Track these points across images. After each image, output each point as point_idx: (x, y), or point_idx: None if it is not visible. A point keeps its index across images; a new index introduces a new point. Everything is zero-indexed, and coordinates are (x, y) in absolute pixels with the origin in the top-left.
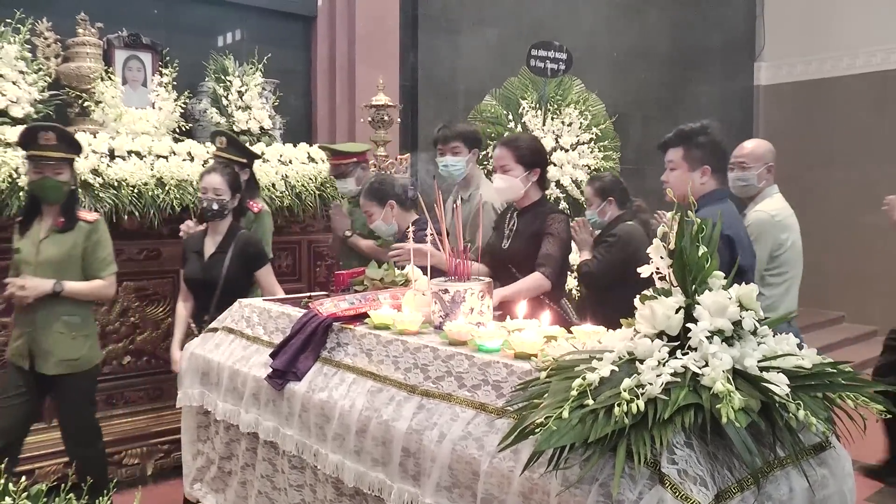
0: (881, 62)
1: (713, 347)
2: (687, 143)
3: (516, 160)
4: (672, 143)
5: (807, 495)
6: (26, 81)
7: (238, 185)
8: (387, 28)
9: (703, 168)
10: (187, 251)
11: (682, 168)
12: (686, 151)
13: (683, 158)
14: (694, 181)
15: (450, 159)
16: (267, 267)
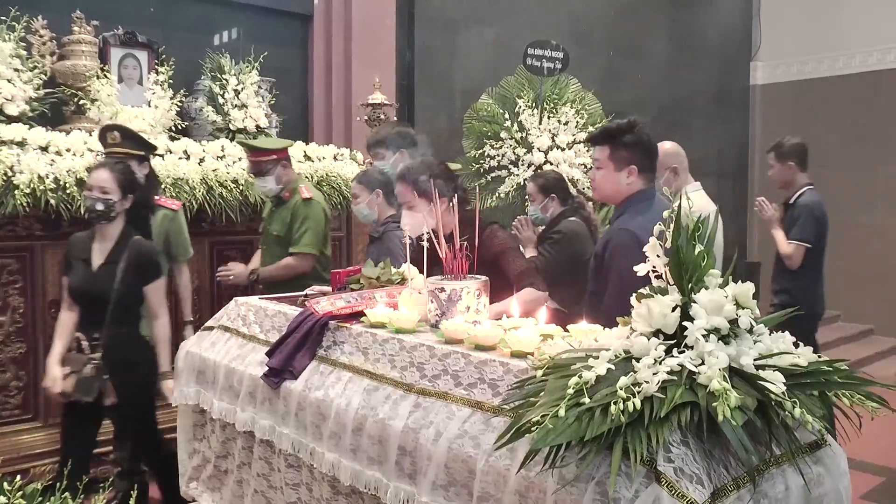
0: (877, 62)
1: (709, 346)
2: (613, 142)
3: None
4: (598, 141)
5: (803, 493)
6: (21, 79)
7: (131, 185)
8: (383, 26)
9: (629, 168)
10: (71, 257)
11: (607, 167)
12: (612, 150)
13: (609, 158)
14: (620, 181)
15: (377, 165)
16: (159, 282)
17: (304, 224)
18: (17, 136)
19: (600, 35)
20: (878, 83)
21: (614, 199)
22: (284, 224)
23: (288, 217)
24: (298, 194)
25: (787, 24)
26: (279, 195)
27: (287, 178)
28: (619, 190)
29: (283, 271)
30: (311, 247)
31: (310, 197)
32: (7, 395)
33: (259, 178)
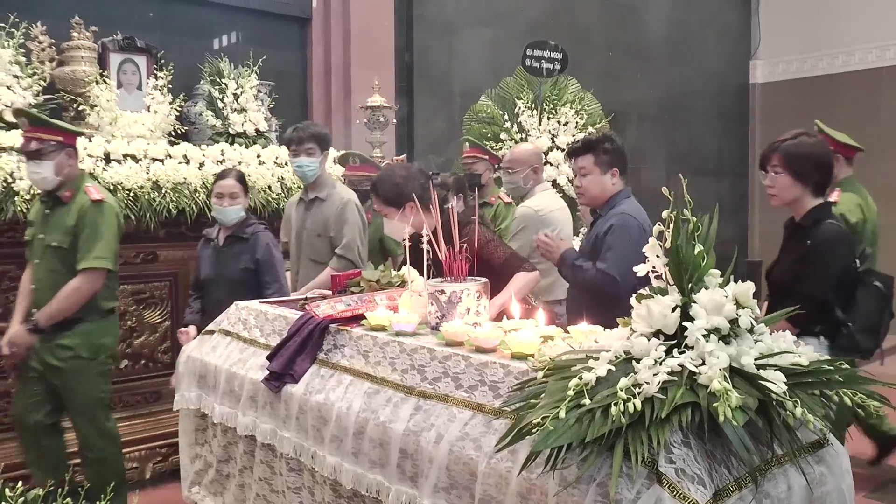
0: (876, 59)
1: (710, 346)
2: (595, 150)
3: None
4: (581, 152)
5: (805, 493)
6: (21, 86)
7: None
8: (382, 29)
9: (612, 170)
10: None
11: (594, 172)
12: (596, 157)
13: (595, 164)
14: (606, 183)
15: (304, 160)
16: None
17: (95, 231)
18: (16, 143)
19: (599, 35)
20: (878, 80)
21: (600, 201)
22: (66, 232)
23: (72, 222)
24: (85, 195)
25: (786, 22)
26: (56, 194)
27: (70, 171)
28: (606, 191)
29: (71, 300)
30: (106, 260)
31: (100, 198)
32: (9, 402)
33: (32, 162)
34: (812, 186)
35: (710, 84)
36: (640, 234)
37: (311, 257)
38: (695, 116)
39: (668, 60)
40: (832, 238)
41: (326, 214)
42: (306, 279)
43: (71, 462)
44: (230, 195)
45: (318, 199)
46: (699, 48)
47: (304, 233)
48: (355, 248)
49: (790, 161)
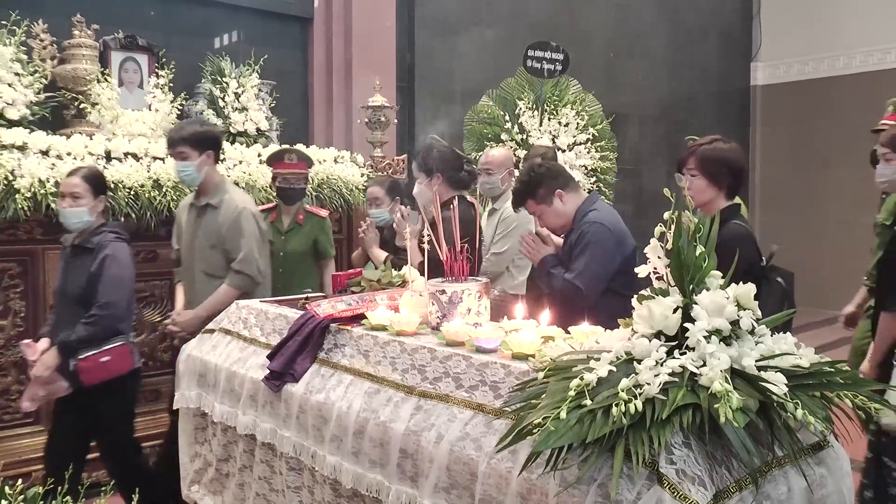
0: (877, 62)
1: (711, 347)
2: (530, 193)
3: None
4: (521, 203)
5: (805, 494)
6: (22, 83)
7: None
8: (383, 29)
9: (556, 195)
10: None
11: (543, 211)
12: (534, 199)
13: (538, 204)
14: (559, 209)
15: (179, 165)
16: None
17: None
18: (17, 141)
19: (600, 36)
20: (879, 83)
21: (568, 225)
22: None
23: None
24: None
25: (787, 25)
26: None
27: None
28: (565, 215)
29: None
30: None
31: None
32: (9, 399)
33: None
34: (725, 189)
35: (711, 86)
36: (611, 240)
37: (205, 271)
38: (696, 118)
39: (670, 62)
40: (735, 237)
41: (220, 223)
42: (202, 295)
43: None
44: (71, 195)
45: (209, 205)
46: (700, 50)
47: (195, 242)
48: (253, 263)
49: (705, 164)
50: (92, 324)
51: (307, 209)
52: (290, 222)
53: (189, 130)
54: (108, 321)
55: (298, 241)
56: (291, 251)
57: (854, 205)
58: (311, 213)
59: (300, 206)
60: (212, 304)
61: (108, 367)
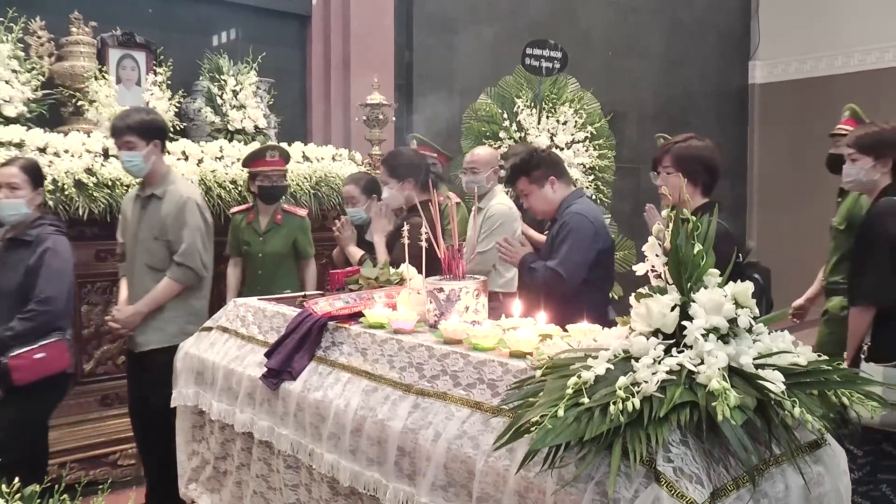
0: (876, 61)
1: (709, 345)
2: (525, 171)
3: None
4: (514, 179)
5: (802, 493)
6: (19, 80)
7: None
8: (381, 27)
9: (549, 181)
10: None
11: (534, 191)
12: (528, 177)
13: (531, 183)
14: (548, 195)
15: (124, 155)
16: None
17: None
18: (15, 138)
19: (599, 34)
20: (878, 82)
21: (551, 212)
22: None
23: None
24: None
25: (785, 23)
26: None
27: None
28: (552, 201)
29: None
30: None
31: None
32: None
33: None
34: (701, 186)
35: (710, 84)
36: (591, 230)
37: (147, 263)
38: (694, 117)
39: (668, 61)
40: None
41: (163, 215)
42: (142, 289)
43: None
44: (8, 185)
45: (154, 196)
46: (699, 48)
47: (139, 235)
48: (196, 255)
49: (681, 162)
50: (29, 319)
51: (285, 209)
52: (269, 222)
53: (135, 119)
54: (47, 317)
55: (277, 241)
56: (270, 252)
57: None
58: (290, 213)
59: (278, 206)
60: (153, 298)
61: (42, 364)
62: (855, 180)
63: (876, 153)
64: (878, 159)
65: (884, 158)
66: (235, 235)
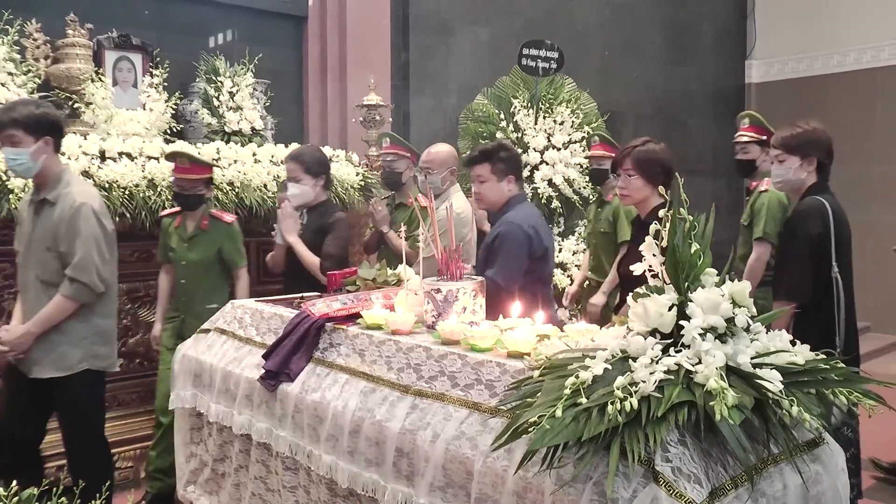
0: (871, 60)
1: (706, 345)
2: (492, 159)
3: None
4: (478, 160)
5: (801, 491)
6: (15, 83)
7: None
8: (378, 27)
9: (508, 177)
10: None
11: (490, 180)
12: (492, 165)
13: (491, 172)
14: (502, 189)
15: (8, 151)
16: None
17: None
18: None
19: (595, 34)
20: (874, 81)
21: (497, 206)
22: None
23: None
24: None
25: (781, 22)
26: None
27: None
28: (502, 196)
29: None
30: None
31: None
32: None
33: None
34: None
35: (706, 84)
36: (524, 238)
37: (40, 277)
38: (690, 116)
39: (664, 60)
40: None
41: (55, 222)
42: (36, 305)
43: None
44: None
45: (46, 201)
46: (695, 48)
47: (31, 244)
48: (92, 269)
49: (641, 164)
50: None
51: (213, 214)
52: (194, 228)
53: (22, 112)
54: None
55: (201, 249)
56: (193, 260)
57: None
58: (217, 219)
59: (205, 211)
60: (44, 318)
61: None
62: (784, 180)
63: (801, 153)
64: (804, 158)
65: (809, 157)
66: (164, 241)
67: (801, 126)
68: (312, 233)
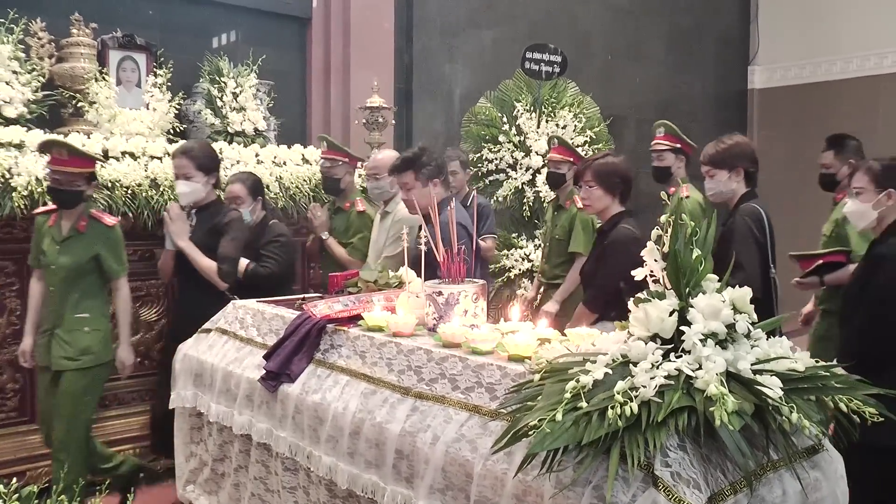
0: (874, 66)
1: (707, 350)
2: (415, 166)
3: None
4: (402, 169)
5: (799, 498)
6: (20, 82)
7: None
8: (382, 30)
9: (433, 181)
10: None
11: (417, 186)
12: (416, 172)
13: (416, 179)
14: (429, 194)
15: None
16: None
17: None
18: (15, 139)
19: (598, 39)
20: (876, 87)
21: (427, 210)
22: None
23: None
24: None
25: (784, 29)
26: None
27: None
28: (429, 199)
29: None
30: None
31: None
32: (3, 398)
33: None
34: (619, 196)
35: (709, 89)
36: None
37: None
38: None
39: (667, 65)
40: (623, 239)
41: None
42: None
43: None
44: None
45: None
46: (698, 53)
47: None
48: None
49: (601, 176)
50: None
51: (92, 214)
52: (70, 229)
53: None
54: None
55: (75, 253)
56: (64, 265)
57: None
58: (96, 220)
59: (84, 211)
60: None
61: None
62: (716, 192)
63: (728, 166)
64: (732, 170)
65: (736, 169)
66: (36, 241)
67: (724, 141)
68: (204, 235)
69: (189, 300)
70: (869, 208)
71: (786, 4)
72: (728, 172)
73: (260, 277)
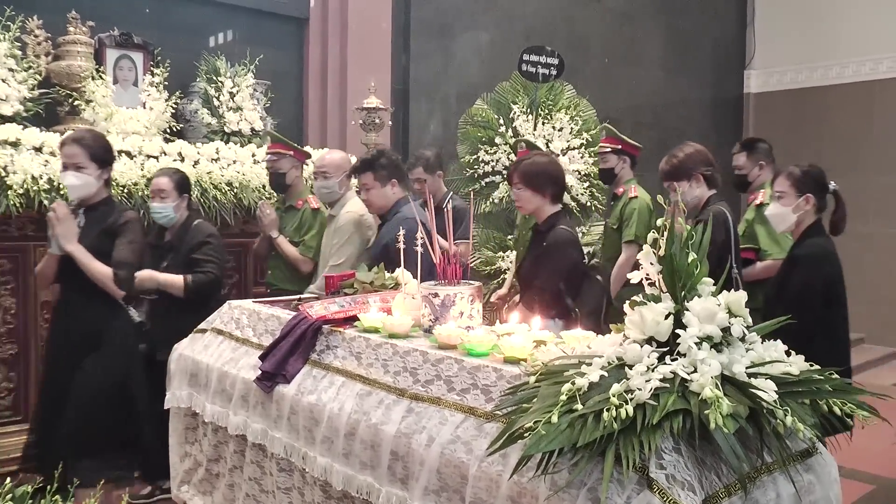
0: (870, 72)
1: (702, 353)
2: (373, 167)
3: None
4: (361, 170)
5: (793, 500)
6: (16, 79)
7: None
8: (379, 31)
9: (391, 182)
10: None
11: (376, 187)
12: (374, 173)
13: (375, 179)
14: (388, 194)
15: None
16: None
17: None
18: (11, 137)
19: (595, 42)
20: (872, 93)
21: (385, 209)
22: None
23: None
24: None
25: (781, 34)
26: None
27: None
28: (389, 200)
29: None
30: None
31: None
32: None
33: None
34: (550, 197)
35: (705, 93)
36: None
37: None
38: (690, 125)
39: (664, 69)
40: (562, 241)
41: None
42: None
43: None
44: None
45: None
46: (695, 57)
47: None
48: None
49: (527, 177)
50: None
51: None
52: None
53: None
54: None
55: None
56: None
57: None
58: None
59: None
60: None
61: None
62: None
63: (686, 176)
64: (690, 179)
65: (695, 176)
66: None
67: (676, 155)
68: (96, 237)
69: (74, 310)
70: (789, 212)
71: (782, 9)
72: (687, 182)
73: (206, 285)
